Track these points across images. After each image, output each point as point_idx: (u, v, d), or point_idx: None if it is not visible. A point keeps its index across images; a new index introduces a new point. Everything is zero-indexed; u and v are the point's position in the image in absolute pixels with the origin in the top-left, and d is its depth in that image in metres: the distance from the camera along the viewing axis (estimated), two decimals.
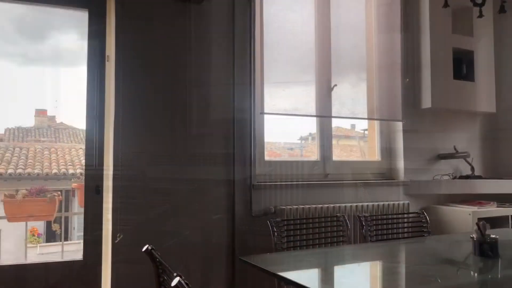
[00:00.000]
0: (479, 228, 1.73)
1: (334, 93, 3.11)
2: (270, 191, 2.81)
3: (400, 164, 3.29)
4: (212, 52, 2.70)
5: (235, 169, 2.71)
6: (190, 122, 2.62)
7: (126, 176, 2.41)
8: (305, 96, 3.01)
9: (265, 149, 2.96)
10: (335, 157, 3.22)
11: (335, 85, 3.12)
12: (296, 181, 2.94)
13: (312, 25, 3.04)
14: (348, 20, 3.17)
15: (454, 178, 3.40)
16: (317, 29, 3.06)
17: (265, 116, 2.92)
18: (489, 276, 1.64)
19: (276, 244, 2.15)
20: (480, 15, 2.22)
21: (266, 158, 2.98)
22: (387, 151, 3.38)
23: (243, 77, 2.78)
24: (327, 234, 2.38)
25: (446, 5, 2.26)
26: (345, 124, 3.49)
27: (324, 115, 3.08)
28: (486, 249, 1.72)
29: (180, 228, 2.54)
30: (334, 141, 3.50)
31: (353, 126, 3.94)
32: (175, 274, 1.07)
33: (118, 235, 2.41)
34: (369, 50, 3.29)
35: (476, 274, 1.67)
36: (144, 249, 1.40)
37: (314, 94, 3.04)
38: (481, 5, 2.18)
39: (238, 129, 2.74)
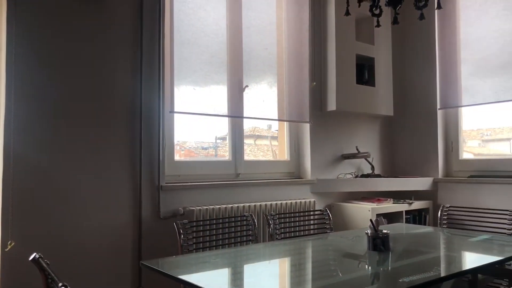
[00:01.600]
0: (372, 224, 1.85)
1: (246, 94, 3.14)
2: (179, 192, 2.76)
3: (308, 163, 3.42)
4: (117, 47, 2.58)
5: (142, 170, 2.62)
6: (93, 121, 2.47)
7: (18, 177, 2.21)
8: (217, 95, 3.00)
9: (175, 149, 2.90)
10: (248, 157, 3.26)
11: (247, 86, 3.15)
12: (207, 181, 2.92)
13: (223, 25, 3.04)
14: (260, 21, 3.23)
15: (356, 176, 3.62)
16: (229, 29, 3.07)
17: (180, 115, 2.86)
18: (381, 269, 1.76)
19: (182, 246, 2.11)
20: (378, 25, 2.37)
21: (177, 158, 2.92)
22: (296, 151, 3.49)
23: (151, 75, 2.69)
24: (235, 234, 2.39)
25: (347, 13, 2.39)
26: (262, 124, 3.55)
27: (235, 115, 3.10)
28: (378, 243, 1.85)
29: (81, 232, 2.39)
30: (251, 141, 3.55)
31: (269, 126, 4.03)
32: (60, 284, 0.99)
33: (9, 242, 2.20)
34: (279, 53, 3.37)
35: (370, 268, 1.78)
36: (31, 257, 1.29)
37: (226, 94, 3.05)
38: (378, 15, 2.33)
39: (146, 129, 2.65)
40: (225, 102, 3.04)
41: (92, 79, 2.48)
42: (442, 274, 1.60)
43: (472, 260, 1.95)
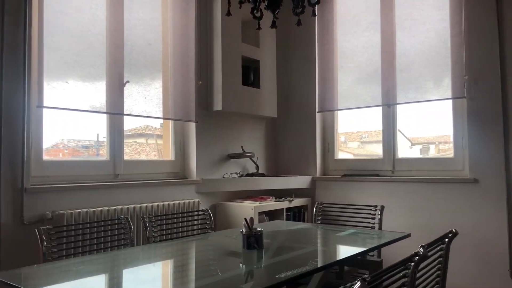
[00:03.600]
0: (246, 223, 1.88)
1: (126, 90, 2.99)
2: (48, 194, 2.52)
3: (193, 163, 3.38)
4: None
5: (1, 170, 2.33)
6: None
7: None
8: (94, 90, 2.80)
9: (57, 148, 2.64)
10: (129, 157, 3.11)
11: (128, 81, 3.00)
12: (81, 183, 2.71)
13: (102, 15, 2.85)
14: (143, 15, 3.10)
15: (241, 176, 3.67)
16: (108, 20, 2.89)
17: (58, 112, 2.62)
18: (254, 266, 1.79)
19: (45, 254, 1.92)
20: (259, 28, 2.42)
21: (46, 157, 2.66)
22: (181, 150, 3.43)
23: (14, 65, 2.41)
24: (108, 238, 2.25)
25: (229, 13, 2.40)
26: (155, 123, 3.41)
27: (114, 112, 2.93)
28: (252, 242, 1.88)
29: None
30: (143, 140, 3.39)
31: (162, 125, 3.89)
32: None
33: None
34: (164, 49, 3.28)
35: (244, 266, 1.80)
36: None
37: (104, 89, 2.87)
38: (259, 18, 2.38)
39: (6, 125, 2.37)
40: (103, 97, 2.86)
41: None
42: (311, 268, 1.67)
43: (338, 253, 2.09)
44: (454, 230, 1.78)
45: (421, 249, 1.36)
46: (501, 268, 2.92)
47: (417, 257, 1.33)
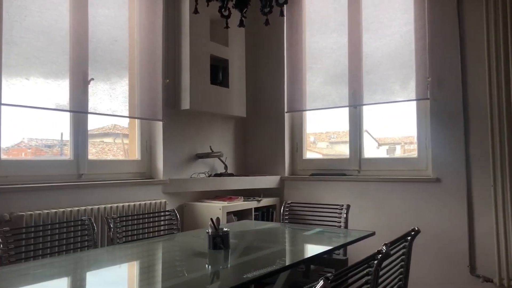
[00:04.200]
0: (213, 223, 1.86)
1: (91, 88, 2.91)
2: (5, 195, 2.42)
3: (160, 163, 3.33)
4: None
5: None
6: None
7: None
8: (57, 88, 2.71)
9: (19, 147, 2.54)
10: (93, 157, 3.03)
11: (92, 79, 2.93)
12: (42, 183, 2.62)
13: (65, 10, 2.77)
14: (108, 11, 3.02)
15: (210, 176, 3.65)
16: (72, 16, 2.80)
17: (19, 110, 2.51)
18: (220, 267, 1.78)
19: (1, 258, 1.84)
20: (226, 26, 2.40)
21: (4, 157, 2.56)
22: (148, 150, 3.37)
23: None
24: (69, 240, 2.18)
25: (196, 11, 2.37)
26: (123, 122, 3.33)
27: (78, 110, 2.85)
28: (218, 242, 1.86)
29: None
30: (110, 140, 3.30)
31: (129, 124, 3.81)
32: None
33: None
34: (131, 47, 3.21)
35: (210, 266, 1.78)
36: None
37: (67, 87, 2.78)
38: (227, 17, 2.36)
39: None
40: (67, 95, 2.77)
41: None
42: (277, 267, 1.67)
43: (304, 252, 2.10)
44: (416, 228, 1.83)
45: (384, 247, 1.38)
46: (461, 264, 3.02)
47: (380, 255, 1.35)
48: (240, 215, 3.51)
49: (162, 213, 2.71)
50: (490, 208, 2.92)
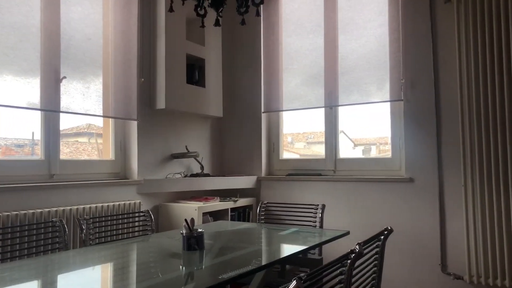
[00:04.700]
0: (187, 224, 1.84)
1: (63, 86, 2.85)
2: None
3: (134, 163, 3.28)
4: None
5: None
6: None
7: None
8: (27, 86, 2.64)
9: None
10: (71, 157, 2.95)
11: (65, 77, 2.86)
12: (11, 184, 2.54)
13: (37, 6, 2.69)
14: (81, 8, 2.96)
15: (185, 176, 3.61)
16: (43, 12, 2.73)
17: None
18: (195, 268, 1.76)
19: None
20: (202, 25, 2.39)
21: None
22: (122, 150, 3.32)
23: None
24: (39, 242, 2.12)
25: (171, 9, 2.35)
26: (98, 121, 3.26)
27: (50, 109, 2.78)
28: (192, 243, 1.84)
29: None
30: (85, 139, 3.23)
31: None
32: None
33: None
34: (105, 46, 3.15)
35: (184, 267, 1.76)
36: None
37: (39, 85, 2.71)
38: (203, 16, 2.35)
39: None
40: (37, 94, 2.70)
41: None
42: (252, 268, 1.67)
43: (279, 252, 2.10)
44: (389, 228, 1.85)
45: (357, 247, 1.40)
46: (433, 262, 3.09)
47: (353, 255, 1.37)
48: (216, 215, 3.49)
49: (137, 214, 2.67)
50: (461, 208, 2.99)
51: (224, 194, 3.86)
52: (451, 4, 3.03)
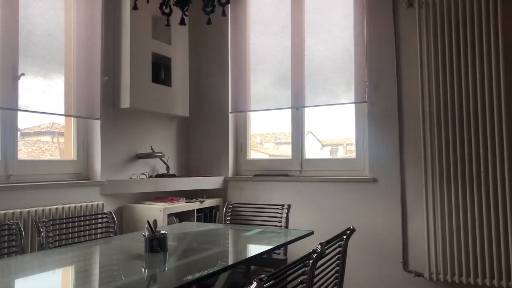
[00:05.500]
0: (149, 225, 1.81)
1: (21, 83, 2.74)
2: None
3: (97, 163, 3.20)
4: None
5: None
6: None
7: None
8: None
9: None
10: (32, 157, 2.84)
11: (23, 74, 2.75)
12: None
13: None
14: (42, 4, 2.86)
15: (151, 177, 3.56)
16: (0, 6, 2.62)
17: None
18: (157, 270, 1.73)
19: None
20: (167, 24, 2.35)
21: None
22: (85, 150, 3.22)
23: None
24: None
25: (135, 7, 2.30)
26: (62, 120, 3.15)
27: (7, 107, 2.67)
28: (155, 245, 1.81)
29: None
30: (48, 139, 3.12)
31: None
32: None
33: None
34: (67, 41, 3.06)
35: (147, 270, 1.73)
36: None
37: None
38: (168, 14, 2.31)
39: None
40: None
41: None
42: (216, 269, 1.66)
43: (244, 252, 2.10)
44: (351, 227, 1.89)
45: (319, 247, 1.41)
46: (395, 261, 3.16)
47: (315, 255, 1.38)
48: (182, 216, 3.45)
49: (100, 216, 2.61)
50: (421, 207, 3.08)
51: (191, 195, 3.82)
52: (414, 8, 3.12)
